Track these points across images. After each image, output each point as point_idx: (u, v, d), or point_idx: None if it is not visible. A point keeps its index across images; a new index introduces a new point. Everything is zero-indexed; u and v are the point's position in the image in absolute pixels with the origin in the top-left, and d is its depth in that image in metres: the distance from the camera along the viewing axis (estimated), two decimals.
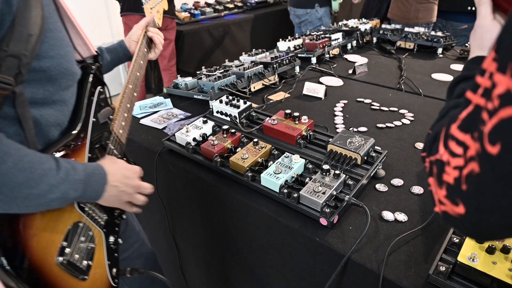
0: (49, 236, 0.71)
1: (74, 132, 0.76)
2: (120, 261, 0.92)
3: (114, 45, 1.13)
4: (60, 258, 0.72)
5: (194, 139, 1.18)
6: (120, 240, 0.91)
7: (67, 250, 0.74)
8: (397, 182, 1.02)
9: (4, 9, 0.60)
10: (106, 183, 0.76)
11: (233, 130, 1.15)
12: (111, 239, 0.88)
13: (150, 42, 1.18)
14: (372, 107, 1.48)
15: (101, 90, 0.85)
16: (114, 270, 0.88)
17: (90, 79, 0.82)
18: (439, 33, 2.23)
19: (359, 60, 2.08)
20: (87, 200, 0.77)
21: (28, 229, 0.68)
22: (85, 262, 0.79)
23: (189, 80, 1.65)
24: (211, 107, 1.35)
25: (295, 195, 0.91)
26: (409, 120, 1.37)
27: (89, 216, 0.80)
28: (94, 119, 0.81)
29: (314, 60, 1.98)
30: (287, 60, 1.77)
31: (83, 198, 0.72)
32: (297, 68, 1.86)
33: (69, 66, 0.73)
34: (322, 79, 1.80)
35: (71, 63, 0.75)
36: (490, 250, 0.71)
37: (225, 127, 1.16)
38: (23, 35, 0.63)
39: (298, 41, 2.14)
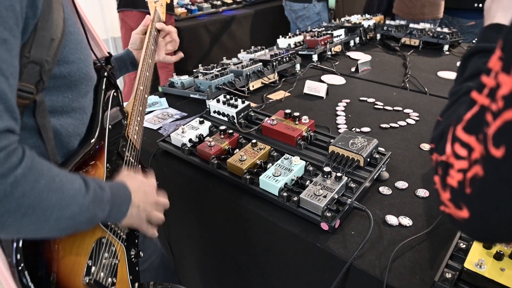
0: (76, 256, 0.70)
1: (92, 141, 0.75)
2: (140, 273, 0.91)
3: (121, 53, 1.13)
4: (87, 278, 0.71)
5: (190, 140, 1.17)
6: (141, 253, 0.90)
7: (93, 268, 0.73)
8: (402, 184, 1.01)
9: (29, 12, 0.58)
10: (131, 203, 0.75)
11: (230, 131, 1.15)
12: (132, 252, 0.87)
13: (157, 39, 1.17)
14: (376, 106, 1.48)
15: (115, 94, 0.84)
16: (136, 284, 0.87)
17: (104, 83, 0.81)
18: (445, 30, 2.23)
19: (362, 57, 2.07)
20: (112, 221, 0.76)
21: (54, 249, 0.66)
22: (109, 280, 0.77)
23: (185, 78, 1.65)
24: (208, 106, 1.35)
25: (295, 198, 0.90)
26: (414, 120, 1.37)
27: (112, 231, 0.79)
28: (110, 126, 0.80)
29: (315, 57, 1.98)
30: (287, 58, 1.77)
31: (108, 219, 0.71)
32: (298, 66, 1.86)
33: (88, 71, 0.72)
34: (323, 78, 1.80)
35: (90, 67, 0.73)
36: (498, 256, 0.70)
37: (222, 127, 1.15)
38: (46, 39, 0.61)
39: (299, 38, 2.13)
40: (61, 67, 0.65)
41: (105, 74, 0.82)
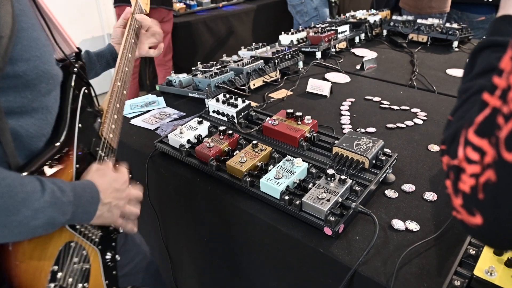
0: (38, 261, 0.69)
1: (58, 143, 0.74)
2: (120, 278, 0.90)
3: (102, 48, 1.13)
4: (52, 285, 0.70)
5: (189, 141, 1.17)
6: (117, 257, 0.90)
7: (59, 274, 0.72)
8: (408, 187, 1.01)
9: None
10: (99, 202, 0.74)
11: (230, 131, 1.14)
12: (108, 256, 0.86)
13: (138, 32, 1.16)
14: (382, 105, 1.47)
15: (86, 91, 0.83)
16: None
17: (73, 80, 0.80)
18: (455, 25, 2.22)
19: (367, 54, 2.07)
20: (78, 223, 0.76)
21: (13, 255, 0.65)
22: (80, 285, 0.77)
23: (183, 76, 1.65)
24: (207, 106, 1.35)
25: (297, 202, 0.90)
26: (422, 120, 1.36)
27: (82, 234, 0.79)
28: (80, 125, 0.79)
29: (319, 54, 1.98)
30: (289, 55, 1.77)
31: (74, 221, 0.70)
32: (301, 64, 1.85)
33: (47, 68, 0.71)
34: (327, 76, 1.79)
35: (49, 64, 0.72)
36: (510, 263, 0.70)
37: (221, 128, 1.15)
38: None
39: (302, 34, 2.13)
40: (14, 66, 0.64)
41: (75, 70, 0.80)
